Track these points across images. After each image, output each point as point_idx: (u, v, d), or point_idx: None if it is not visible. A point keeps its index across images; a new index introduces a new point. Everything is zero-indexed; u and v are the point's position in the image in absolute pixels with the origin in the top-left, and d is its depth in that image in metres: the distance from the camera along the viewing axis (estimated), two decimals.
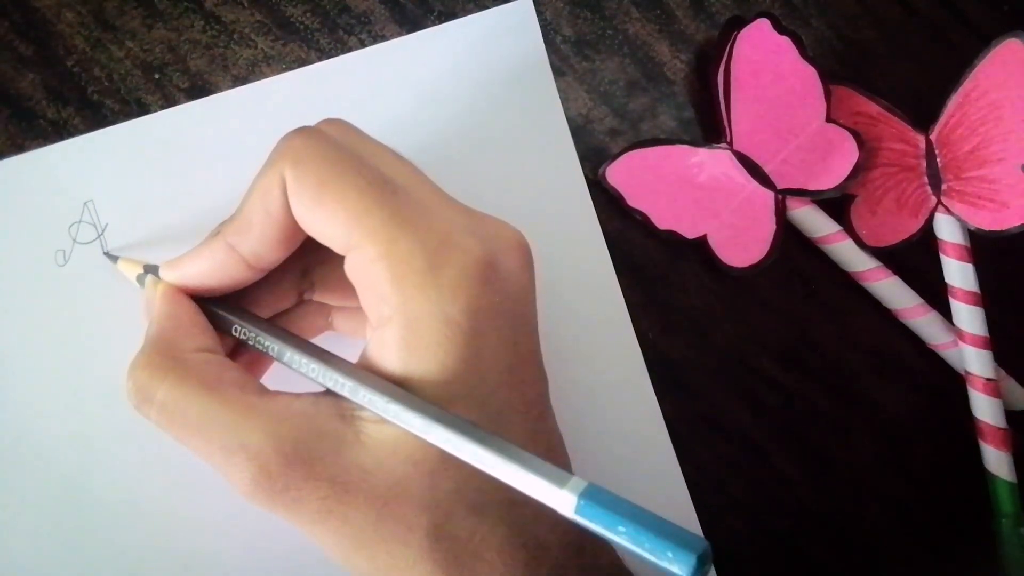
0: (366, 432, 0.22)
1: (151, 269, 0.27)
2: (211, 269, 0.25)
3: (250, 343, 0.25)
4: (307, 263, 0.27)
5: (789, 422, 0.33)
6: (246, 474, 0.22)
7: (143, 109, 0.32)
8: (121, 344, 0.31)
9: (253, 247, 0.24)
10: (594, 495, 0.19)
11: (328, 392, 0.23)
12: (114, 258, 0.30)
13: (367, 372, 0.23)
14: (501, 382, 0.23)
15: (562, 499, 0.19)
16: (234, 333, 0.25)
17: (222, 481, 0.30)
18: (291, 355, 0.24)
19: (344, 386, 0.23)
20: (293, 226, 0.23)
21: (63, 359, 0.31)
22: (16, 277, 0.31)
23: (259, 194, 0.23)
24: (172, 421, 0.23)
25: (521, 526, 0.23)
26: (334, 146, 0.23)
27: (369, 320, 0.23)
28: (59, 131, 0.32)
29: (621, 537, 0.19)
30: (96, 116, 0.32)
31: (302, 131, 0.24)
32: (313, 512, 0.22)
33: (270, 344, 0.25)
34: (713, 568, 0.32)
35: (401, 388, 0.22)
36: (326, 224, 0.23)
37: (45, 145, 0.32)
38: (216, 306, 0.26)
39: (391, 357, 0.22)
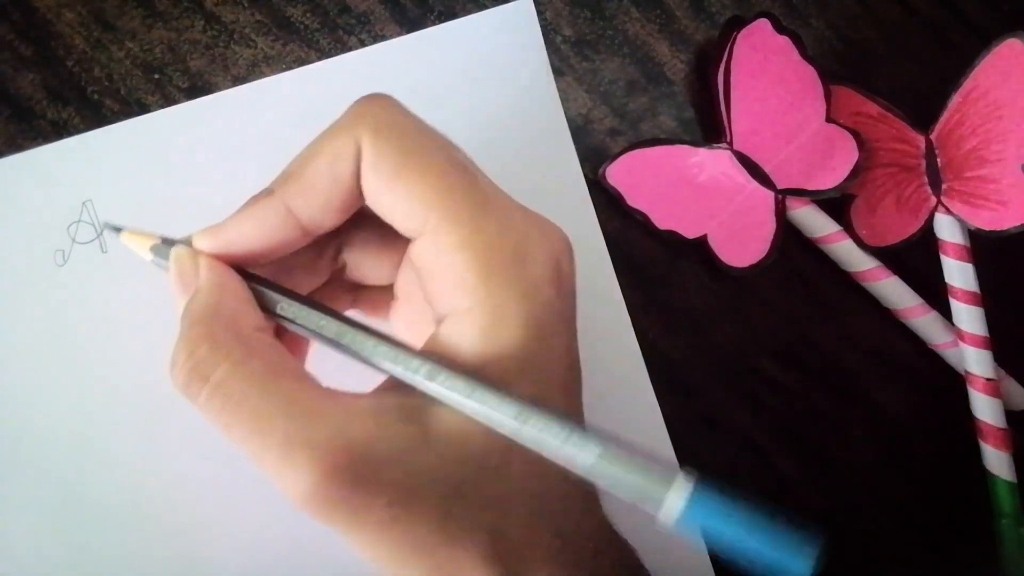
0: (431, 432, 0.21)
1: (170, 243, 0.24)
2: (263, 233, 0.23)
3: (299, 323, 0.23)
4: (342, 240, 0.26)
5: (789, 422, 0.33)
6: (309, 476, 0.19)
7: (143, 109, 0.32)
8: (121, 344, 0.31)
9: (315, 212, 0.22)
10: (702, 500, 0.18)
11: (387, 390, 0.22)
12: (116, 230, 0.26)
13: (442, 359, 0.21)
14: (562, 386, 0.22)
15: (669, 501, 0.18)
16: (279, 312, 0.23)
17: (222, 481, 0.30)
18: (353, 337, 0.22)
19: (419, 371, 0.21)
20: (357, 196, 0.22)
21: (62, 359, 0.31)
22: (15, 277, 0.31)
23: (328, 157, 0.22)
24: (225, 406, 0.20)
25: (568, 528, 0.22)
26: (415, 118, 0.22)
27: (434, 307, 0.22)
28: (59, 131, 0.32)
29: (731, 543, 0.18)
30: (96, 116, 0.32)
31: (381, 97, 0.22)
32: (377, 520, 0.20)
33: (327, 324, 0.22)
34: (712, 568, 0.32)
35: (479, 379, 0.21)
36: (401, 201, 0.21)
37: (45, 145, 0.32)
38: (260, 282, 0.23)
39: (468, 349, 0.21)
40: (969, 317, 0.32)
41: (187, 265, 0.23)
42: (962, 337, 0.32)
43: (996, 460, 0.32)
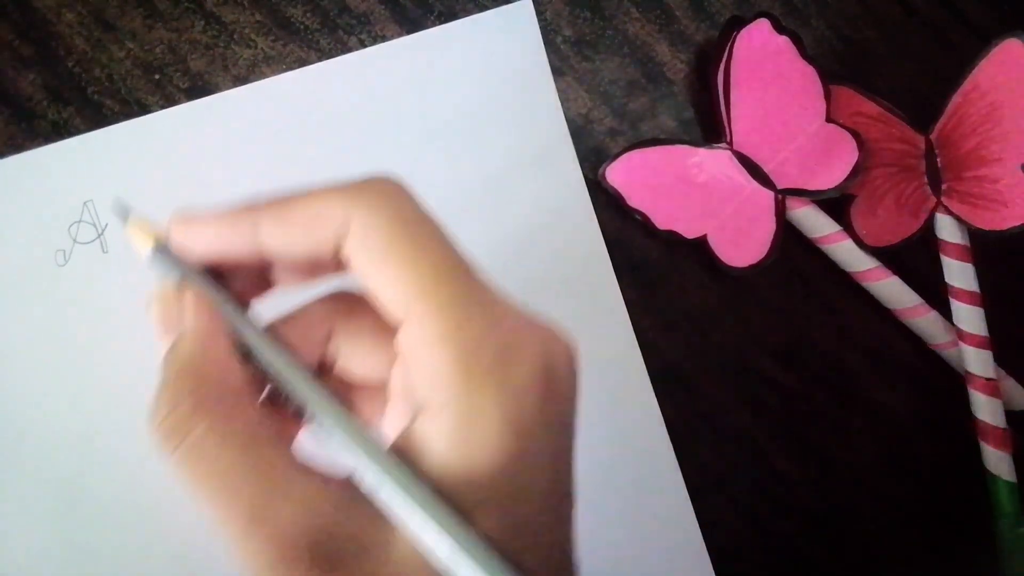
0: (394, 543, 0.20)
1: (164, 250, 0.23)
2: (228, 245, 0.23)
3: (266, 368, 0.22)
4: (332, 326, 0.25)
5: (789, 422, 0.33)
6: (265, 553, 0.19)
7: (143, 109, 0.32)
8: (121, 344, 0.31)
9: (282, 253, 0.22)
10: None
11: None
12: (125, 215, 0.24)
13: (401, 465, 0.20)
14: (540, 500, 0.21)
15: None
16: (252, 353, 0.22)
17: None
18: (320, 418, 0.21)
19: (375, 479, 0.20)
20: (329, 262, 0.22)
21: (63, 358, 0.31)
22: (16, 277, 0.31)
23: (312, 214, 0.22)
24: (198, 466, 0.21)
25: None
26: (412, 205, 0.22)
27: (413, 396, 0.21)
28: (59, 131, 0.32)
29: None
30: (96, 116, 0.32)
31: (381, 178, 0.22)
32: None
33: (298, 393, 0.22)
34: (712, 568, 0.32)
35: (439, 495, 0.20)
36: (389, 286, 0.21)
37: (45, 145, 0.32)
38: (241, 322, 0.23)
39: (437, 448, 0.20)
40: (969, 317, 0.32)
41: (172, 307, 0.23)
42: (962, 337, 0.32)
43: (996, 460, 0.32)
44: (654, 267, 0.33)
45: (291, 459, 0.21)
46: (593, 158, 0.33)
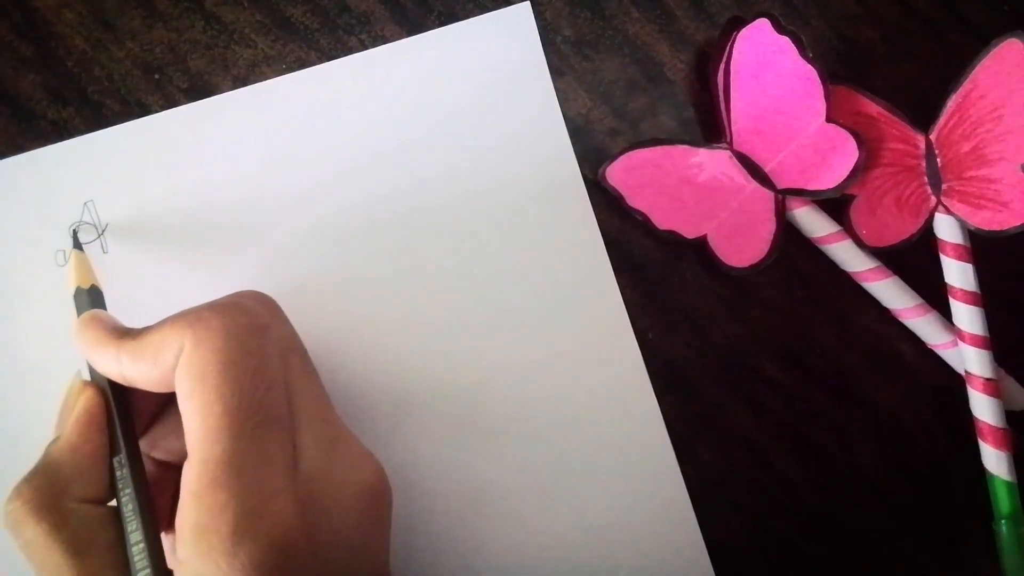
0: None
1: (82, 302, 0.27)
2: (105, 368, 0.25)
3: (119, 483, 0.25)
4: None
5: (789, 422, 0.33)
6: None
7: (143, 109, 0.32)
8: None
9: (136, 376, 0.24)
10: None
11: None
12: (79, 245, 0.28)
13: None
14: None
15: None
16: (116, 469, 0.25)
17: None
18: (134, 541, 0.24)
19: None
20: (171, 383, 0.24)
21: (63, 359, 0.31)
22: (16, 277, 0.31)
23: (156, 349, 0.23)
24: (30, 560, 0.23)
25: None
26: (244, 340, 0.23)
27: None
28: (59, 131, 0.32)
29: None
30: (96, 116, 0.32)
31: (215, 313, 0.23)
32: None
33: (130, 520, 0.24)
34: (712, 568, 0.32)
35: None
36: (186, 419, 0.23)
37: (45, 145, 0.32)
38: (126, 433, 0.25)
39: None
40: (969, 317, 0.32)
41: (67, 403, 0.25)
42: (962, 337, 0.32)
43: (996, 460, 0.32)
44: (654, 267, 0.33)
45: (120, 567, 0.23)
46: (593, 158, 0.33)
